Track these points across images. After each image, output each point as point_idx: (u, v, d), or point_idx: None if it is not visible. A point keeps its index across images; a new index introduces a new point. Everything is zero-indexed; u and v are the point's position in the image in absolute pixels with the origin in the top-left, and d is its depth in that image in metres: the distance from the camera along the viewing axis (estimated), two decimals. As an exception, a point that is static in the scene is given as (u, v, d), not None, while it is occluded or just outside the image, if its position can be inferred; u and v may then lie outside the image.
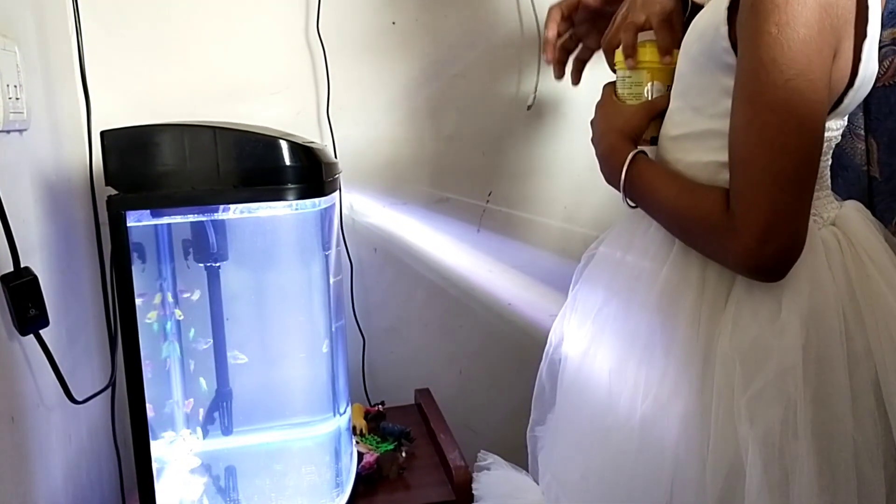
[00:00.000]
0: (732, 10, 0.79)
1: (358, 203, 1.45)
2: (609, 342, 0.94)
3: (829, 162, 0.90)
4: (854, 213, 0.89)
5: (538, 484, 1.07)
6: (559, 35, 1.19)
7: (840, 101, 0.83)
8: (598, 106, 1.02)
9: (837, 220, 0.88)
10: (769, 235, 0.75)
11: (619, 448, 0.90)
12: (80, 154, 1.24)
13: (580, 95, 1.50)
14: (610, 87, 1.03)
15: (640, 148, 0.92)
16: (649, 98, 0.96)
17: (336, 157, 1.38)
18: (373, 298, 1.49)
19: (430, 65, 1.44)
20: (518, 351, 1.54)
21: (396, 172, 1.46)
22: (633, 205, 0.93)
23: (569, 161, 1.52)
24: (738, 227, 0.77)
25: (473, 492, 1.10)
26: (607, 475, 0.91)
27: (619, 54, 0.98)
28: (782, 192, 0.75)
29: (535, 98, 1.45)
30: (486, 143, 1.48)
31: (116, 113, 1.27)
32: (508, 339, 1.53)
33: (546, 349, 1.10)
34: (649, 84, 0.96)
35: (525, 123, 1.49)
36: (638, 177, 0.89)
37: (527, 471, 1.12)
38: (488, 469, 1.13)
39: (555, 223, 1.54)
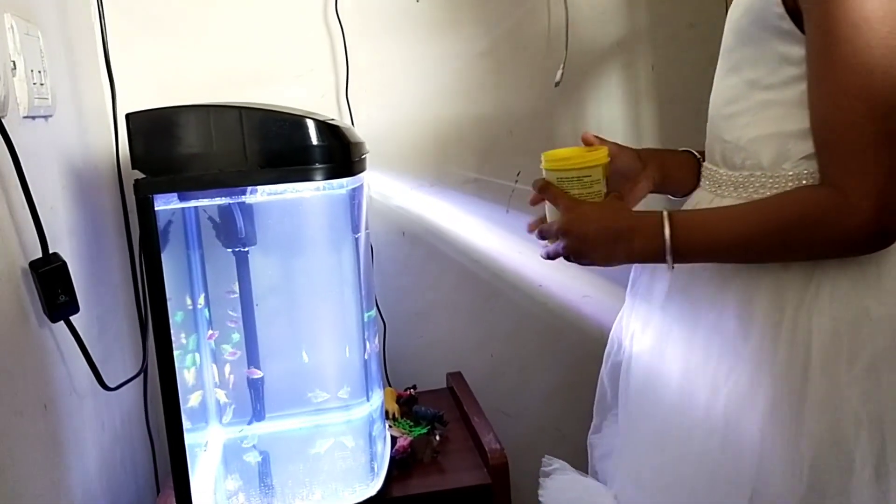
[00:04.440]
0: None
1: (384, 186, 1.43)
2: (678, 335, 0.89)
3: None
4: None
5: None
6: None
7: None
8: (567, 211, 0.89)
9: None
10: (889, 199, 0.72)
11: (700, 446, 0.85)
12: (105, 139, 1.23)
13: (609, 70, 1.48)
14: (558, 192, 0.91)
15: (664, 209, 0.85)
16: (604, 192, 0.91)
17: (361, 139, 1.36)
18: (402, 282, 1.47)
19: (454, 43, 1.41)
20: (550, 333, 1.52)
21: (422, 154, 1.44)
22: (673, 266, 0.85)
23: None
24: (853, 202, 0.73)
25: (540, 499, 1.06)
26: (687, 473, 0.86)
27: (574, 155, 0.93)
28: (894, 154, 0.72)
29: (562, 74, 1.42)
30: (513, 122, 1.46)
31: (140, 97, 1.25)
32: (540, 321, 1.51)
33: (607, 351, 1.06)
34: (605, 179, 0.91)
35: (553, 100, 1.46)
36: (686, 233, 0.82)
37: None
38: (552, 475, 1.08)
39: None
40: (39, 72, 0.97)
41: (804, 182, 0.80)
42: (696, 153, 1.02)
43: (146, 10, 1.29)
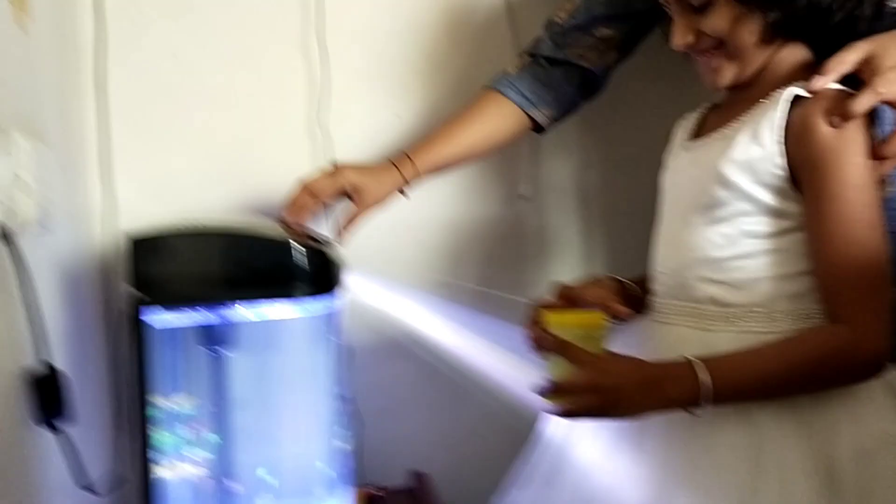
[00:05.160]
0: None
1: (357, 285, 1.49)
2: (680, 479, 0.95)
3: None
4: None
5: None
6: None
7: None
8: (592, 366, 0.92)
9: None
10: (885, 330, 0.88)
11: None
12: (97, 248, 1.29)
13: (574, 187, 1.58)
14: (579, 349, 0.93)
15: (688, 356, 0.91)
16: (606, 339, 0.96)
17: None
18: (370, 378, 1.52)
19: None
20: (512, 433, 1.57)
21: (396, 257, 1.52)
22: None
23: (562, 249, 1.58)
24: (866, 337, 0.88)
25: None
26: None
27: (585, 315, 1.00)
28: (888, 291, 0.89)
29: (529, 189, 1.52)
30: (484, 230, 1.54)
31: (133, 201, 1.33)
32: (503, 421, 1.57)
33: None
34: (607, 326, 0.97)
35: (520, 212, 1.55)
36: (721, 376, 0.88)
37: None
38: None
39: (550, 307, 1.59)
40: (42, 185, 1.03)
41: (798, 319, 0.93)
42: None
43: (141, 115, 1.36)
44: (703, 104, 1.16)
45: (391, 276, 1.50)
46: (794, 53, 0.97)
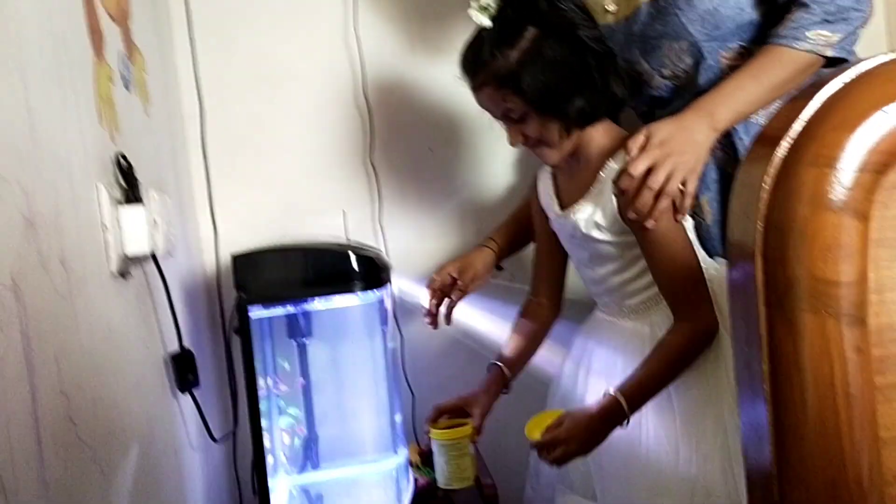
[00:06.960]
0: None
1: (409, 287, 1.86)
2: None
3: None
4: None
5: None
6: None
7: None
8: (561, 435, 1.28)
9: None
10: (708, 310, 1.25)
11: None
12: (206, 266, 1.71)
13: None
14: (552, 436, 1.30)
15: (607, 391, 1.26)
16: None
17: (389, 254, 1.81)
18: (424, 362, 1.87)
19: (460, 179, 1.86)
20: (540, 397, 1.90)
21: (439, 262, 1.87)
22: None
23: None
24: (697, 324, 1.25)
25: None
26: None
27: (450, 433, 1.46)
28: (703, 284, 1.26)
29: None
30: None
31: (230, 231, 1.74)
32: (533, 390, 1.89)
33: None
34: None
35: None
36: (631, 397, 1.24)
37: None
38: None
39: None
40: (168, 223, 1.43)
41: (649, 293, 1.33)
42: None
43: (234, 166, 1.77)
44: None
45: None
46: (599, 127, 1.31)
